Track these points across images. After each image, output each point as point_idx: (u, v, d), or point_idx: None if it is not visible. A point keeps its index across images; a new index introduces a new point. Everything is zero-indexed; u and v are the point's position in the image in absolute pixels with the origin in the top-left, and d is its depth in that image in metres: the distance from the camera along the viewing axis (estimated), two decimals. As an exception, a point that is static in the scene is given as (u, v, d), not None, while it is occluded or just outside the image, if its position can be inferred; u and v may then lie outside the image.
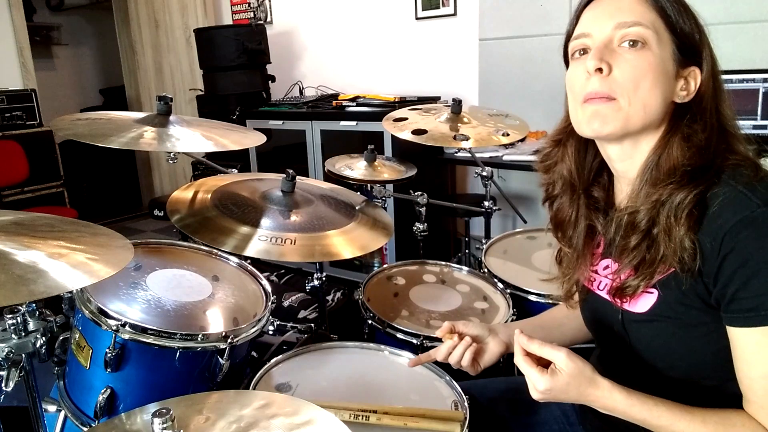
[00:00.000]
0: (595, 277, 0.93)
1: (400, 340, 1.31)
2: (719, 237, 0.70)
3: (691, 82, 0.80)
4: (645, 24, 0.77)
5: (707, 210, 0.73)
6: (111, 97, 5.74)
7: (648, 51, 0.77)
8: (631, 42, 0.77)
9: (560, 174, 0.94)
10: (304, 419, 0.73)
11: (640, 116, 0.78)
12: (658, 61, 0.77)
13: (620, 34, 0.78)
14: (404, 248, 2.88)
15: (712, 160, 0.76)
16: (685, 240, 0.73)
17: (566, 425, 1.06)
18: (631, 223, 0.80)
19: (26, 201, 3.64)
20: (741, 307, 0.71)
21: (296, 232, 1.26)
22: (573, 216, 0.93)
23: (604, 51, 0.78)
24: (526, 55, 2.91)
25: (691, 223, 0.73)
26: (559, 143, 0.95)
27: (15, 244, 0.80)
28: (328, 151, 3.04)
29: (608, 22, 0.79)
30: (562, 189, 0.95)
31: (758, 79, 2.19)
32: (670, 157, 0.78)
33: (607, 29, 0.79)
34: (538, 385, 0.79)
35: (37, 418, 1.03)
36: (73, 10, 5.60)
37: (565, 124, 0.92)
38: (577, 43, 0.83)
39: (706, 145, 0.77)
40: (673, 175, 0.77)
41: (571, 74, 0.84)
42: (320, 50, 3.80)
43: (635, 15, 0.78)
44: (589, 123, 0.80)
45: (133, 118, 1.43)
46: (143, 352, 1.08)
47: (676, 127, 0.79)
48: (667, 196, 0.76)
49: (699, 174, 0.75)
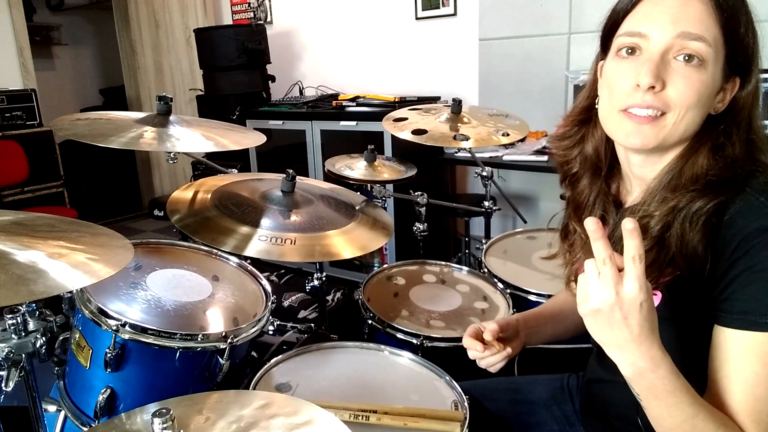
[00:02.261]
0: None
1: (400, 340, 1.31)
2: (732, 244, 0.69)
3: (728, 94, 0.76)
4: (708, 41, 0.71)
5: (724, 218, 0.72)
6: (111, 97, 5.75)
7: (704, 70, 0.72)
8: (687, 56, 0.72)
9: (584, 152, 0.90)
10: (304, 419, 0.73)
11: (680, 134, 0.75)
12: (710, 81, 0.73)
13: (680, 45, 0.72)
14: (404, 248, 2.88)
15: (738, 174, 0.74)
16: (698, 246, 0.71)
17: (566, 425, 1.06)
18: (642, 228, 0.77)
19: (26, 201, 3.64)
20: (733, 308, 0.70)
21: (296, 232, 1.26)
22: (591, 199, 0.90)
23: (659, 66, 0.72)
24: (526, 55, 2.91)
25: (706, 230, 0.72)
26: (584, 122, 0.90)
27: (15, 244, 0.80)
28: (328, 151, 3.04)
29: (670, 28, 0.72)
30: (583, 168, 0.91)
31: (758, 79, 2.19)
32: (695, 165, 0.75)
33: (668, 36, 0.72)
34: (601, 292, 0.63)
35: (37, 418, 1.03)
36: (73, 10, 5.60)
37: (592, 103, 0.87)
38: (629, 41, 0.76)
39: (732, 159, 0.75)
40: (695, 183, 0.74)
41: (614, 74, 0.78)
42: (320, 50, 3.80)
43: (701, 27, 0.71)
44: (627, 137, 0.76)
45: (133, 118, 1.43)
46: (143, 352, 1.08)
47: (706, 137, 0.76)
48: (686, 203, 0.74)
49: (722, 185, 0.73)
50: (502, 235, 1.85)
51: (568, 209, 0.96)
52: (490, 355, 0.97)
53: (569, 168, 0.93)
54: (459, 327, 1.38)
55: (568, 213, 0.96)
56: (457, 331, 1.36)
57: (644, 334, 0.64)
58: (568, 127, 0.92)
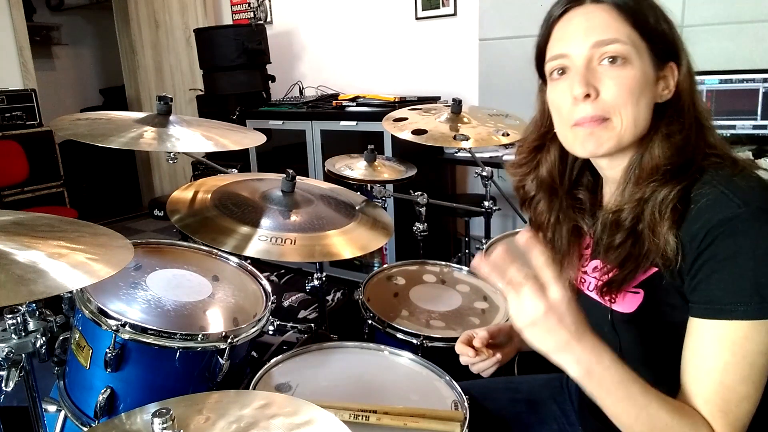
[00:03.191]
0: (585, 278, 0.93)
1: (400, 340, 1.31)
2: (700, 236, 0.71)
3: (670, 81, 0.80)
4: (623, 40, 0.76)
5: (690, 208, 0.74)
6: (111, 97, 5.75)
7: (629, 66, 0.77)
8: (611, 58, 0.77)
9: (539, 176, 0.94)
10: (304, 419, 0.73)
11: (631, 131, 0.78)
12: (640, 74, 0.77)
13: (599, 53, 0.77)
14: (404, 248, 2.88)
15: (693, 157, 0.77)
16: (669, 236, 0.73)
17: (566, 425, 1.06)
18: (615, 222, 0.81)
19: (26, 201, 3.64)
20: (700, 298, 0.72)
21: (296, 232, 1.26)
22: (553, 218, 0.94)
23: (586, 75, 0.77)
24: (526, 55, 2.87)
25: (674, 218, 0.74)
26: (538, 149, 0.94)
27: (15, 244, 0.80)
28: (328, 151, 3.04)
29: (584, 42, 0.78)
30: (539, 191, 0.95)
31: (758, 79, 2.19)
32: (652, 156, 0.79)
33: (584, 49, 0.78)
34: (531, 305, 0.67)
35: (37, 418, 1.03)
36: (73, 10, 5.60)
37: (546, 130, 0.92)
38: (555, 64, 0.82)
39: (685, 143, 0.77)
40: (655, 173, 0.77)
41: (554, 96, 0.83)
42: (320, 50, 3.80)
43: (611, 32, 0.77)
44: (584, 145, 0.80)
45: (133, 118, 1.44)
46: (143, 352, 1.08)
47: (657, 126, 0.79)
48: (651, 193, 0.77)
49: (681, 171, 0.76)
50: (502, 235, 1.85)
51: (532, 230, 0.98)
52: (480, 361, 0.99)
53: (526, 192, 0.97)
54: (459, 327, 1.38)
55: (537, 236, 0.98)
56: (457, 331, 1.36)
57: (580, 330, 0.69)
58: (523, 155, 0.96)
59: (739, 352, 0.69)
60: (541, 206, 0.95)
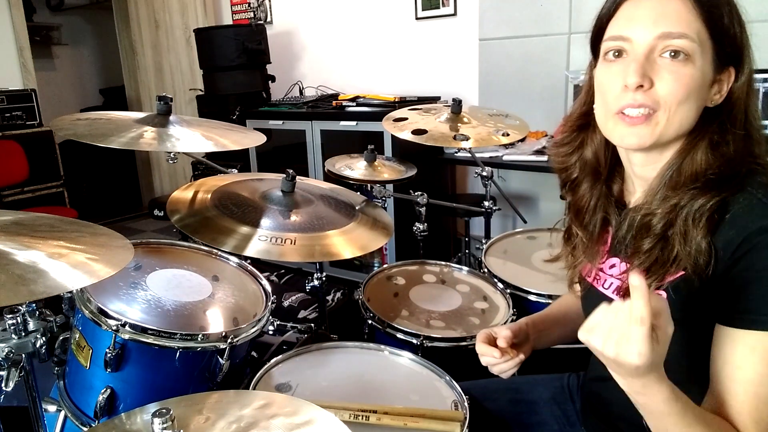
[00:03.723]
0: (601, 275, 0.91)
1: (400, 340, 1.31)
2: (735, 243, 0.70)
3: (725, 84, 0.77)
4: (691, 37, 0.72)
5: (726, 216, 0.72)
6: (111, 97, 5.74)
7: (690, 64, 0.73)
8: (673, 53, 0.73)
9: (583, 157, 0.90)
10: (304, 419, 0.73)
11: (675, 129, 0.75)
12: (699, 75, 0.73)
13: (663, 45, 0.73)
14: (404, 248, 2.88)
15: (738, 169, 0.74)
16: (702, 243, 0.71)
17: (566, 425, 1.06)
18: (645, 226, 0.78)
19: (26, 201, 3.64)
20: (736, 307, 0.70)
21: (296, 232, 1.26)
22: (592, 203, 0.90)
23: (645, 65, 0.73)
24: (526, 55, 2.91)
25: (709, 227, 0.72)
26: (582, 128, 0.90)
27: (15, 244, 0.80)
28: (328, 151, 3.04)
29: (651, 29, 0.73)
30: (583, 173, 0.91)
31: (758, 79, 2.19)
32: (693, 162, 0.76)
33: (649, 37, 0.73)
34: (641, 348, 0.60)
35: (37, 418, 1.03)
36: (73, 10, 5.59)
37: (590, 109, 0.87)
38: (614, 45, 0.77)
39: (732, 154, 0.75)
40: (695, 180, 0.75)
41: (604, 78, 0.79)
42: (320, 50, 3.80)
43: (681, 25, 0.72)
44: (623, 139, 0.77)
45: (133, 118, 1.43)
46: (143, 352, 1.08)
47: (704, 132, 0.76)
48: (687, 201, 0.74)
49: (723, 182, 0.73)
50: (502, 235, 1.85)
51: (570, 213, 0.96)
52: (503, 361, 0.96)
53: (569, 174, 0.94)
54: (459, 327, 1.38)
55: (570, 217, 0.96)
56: (457, 331, 1.36)
57: (635, 375, 0.64)
58: (566, 133, 0.93)
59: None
60: (584, 189, 0.91)
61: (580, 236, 0.93)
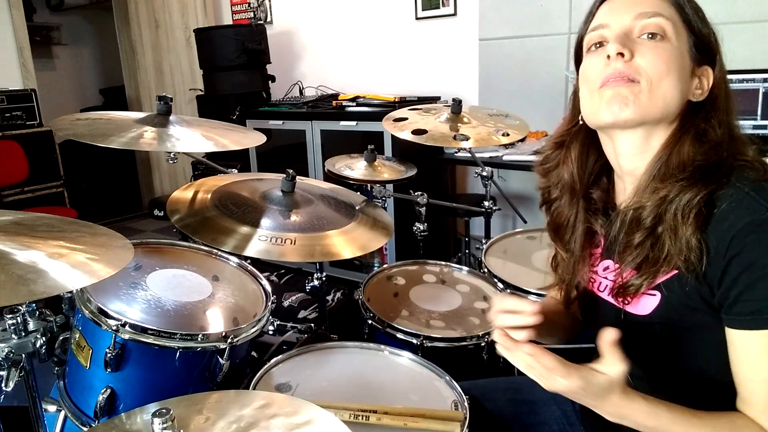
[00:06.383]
0: (595, 278, 0.92)
1: (400, 340, 1.31)
2: (726, 239, 0.70)
3: (705, 82, 0.80)
4: (665, 15, 0.78)
5: (714, 210, 0.72)
6: (111, 97, 5.75)
7: (668, 43, 0.77)
8: (651, 34, 0.77)
9: (560, 177, 0.93)
10: (304, 419, 0.73)
11: (660, 106, 0.77)
12: (677, 54, 0.77)
13: (640, 25, 0.78)
14: (404, 248, 2.88)
15: (723, 161, 0.75)
16: (692, 239, 0.72)
17: (566, 425, 1.06)
18: (636, 220, 0.79)
19: (26, 201, 3.64)
20: (744, 309, 0.70)
21: (296, 232, 1.26)
22: (571, 219, 0.92)
23: (624, 39, 0.78)
24: (526, 55, 2.91)
25: (698, 222, 0.72)
26: (561, 145, 0.93)
27: (15, 244, 0.80)
28: (328, 151, 3.04)
29: (627, 14, 0.79)
30: (561, 192, 0.93)
31: (758, 79, 2.19)
32: (681, 152, 0.77)
33: (626, 20, 0.79)
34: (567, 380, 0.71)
35: (37, 418, 1.03)
36: (73, 10, 5.60)
37: (569, 126, 0.91)
38: (594, 35, 0.82)
39: (719, 142, 0.77)
40: (683, 170, 0.76)
41: (587, 66, 0.83)
42: (320, 50, 3.80)
43: (654, 6, 0.78)
44: (609, 105, 0.78)
45: (133, 118, 1.43)
46: (143, 352, 1.08)
47: (689, 124, 0.79)
48: (676, 194, 0.75)
49: (709, 172, 0.74)
50: (502, 235, 1.85)
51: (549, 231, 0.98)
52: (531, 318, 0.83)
53: (549, 194, 0.96)
54: (459, 327, 1.38)
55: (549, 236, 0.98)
56: (457, 332, 1.36)
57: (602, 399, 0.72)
58: (550, 151, 0.96)
59: None
60: (561, 207, 0.94)
61: (559, 254, 0.96)
